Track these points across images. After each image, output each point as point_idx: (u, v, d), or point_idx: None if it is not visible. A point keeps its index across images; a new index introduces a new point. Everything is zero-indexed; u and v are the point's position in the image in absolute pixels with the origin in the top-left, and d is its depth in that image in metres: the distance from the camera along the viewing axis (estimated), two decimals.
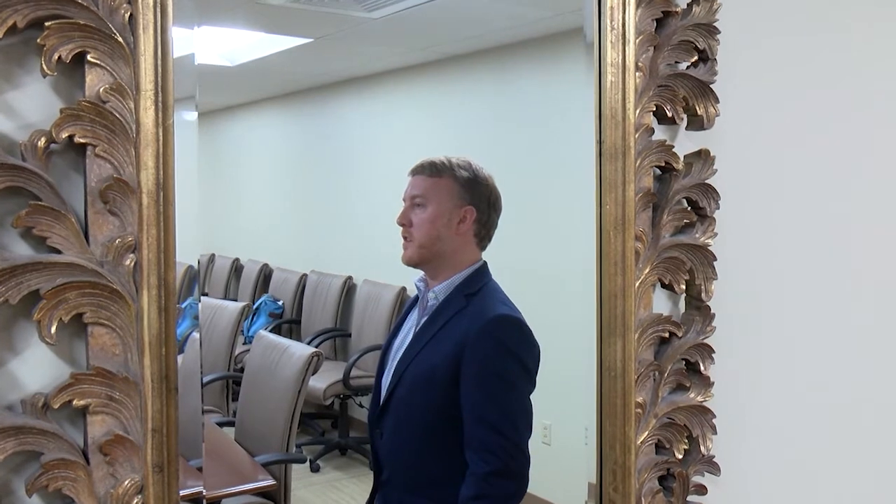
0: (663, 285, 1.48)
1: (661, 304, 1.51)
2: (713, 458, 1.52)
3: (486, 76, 2.21)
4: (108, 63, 1.04)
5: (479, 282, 1.62)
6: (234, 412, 2.06)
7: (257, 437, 1.98)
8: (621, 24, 1.39)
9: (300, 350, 2.13)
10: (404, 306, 1.81)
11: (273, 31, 1.99)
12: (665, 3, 1.43)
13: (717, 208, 1.49)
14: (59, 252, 1.03)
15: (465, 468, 1.52)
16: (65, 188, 1.04)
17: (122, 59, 1.05)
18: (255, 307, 2.38)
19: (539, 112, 2.03)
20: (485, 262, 1.64)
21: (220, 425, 2.01)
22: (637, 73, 1.40)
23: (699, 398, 1.50)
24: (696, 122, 1.49)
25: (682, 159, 1.46)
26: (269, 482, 1.87)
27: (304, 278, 2.43)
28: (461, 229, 1.62)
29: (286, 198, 2.53)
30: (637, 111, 1.41)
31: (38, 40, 1.00)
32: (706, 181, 1.48)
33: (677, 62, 1.45)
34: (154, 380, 1.08)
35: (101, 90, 1.04)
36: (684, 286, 1.49)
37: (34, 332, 1.03)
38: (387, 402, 1.62)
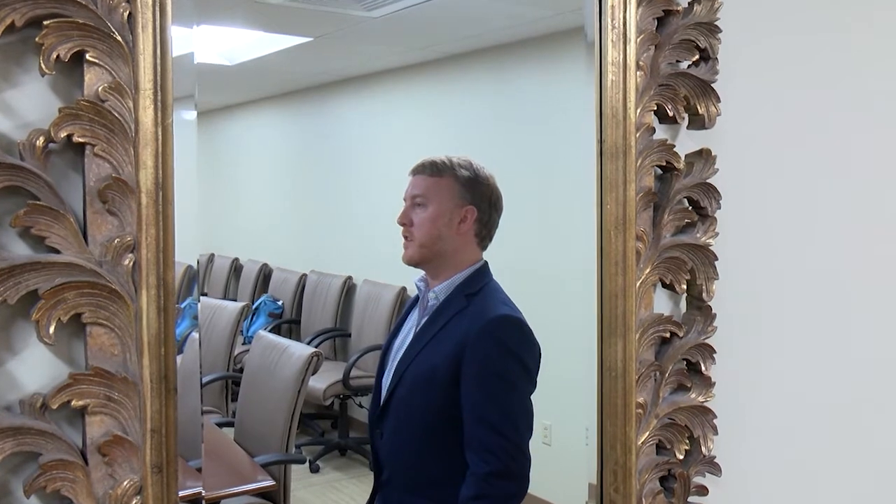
0: (664, 285, 1.48)
1: (661, 304, 1.51)
2: (714, 459, 1.52)
3: (486, 75, 2.20)
4: (107, 62, 1.04)
5: (480, 282, 1.61)
6: (234, 412, 2.05)
7: (257, 438, 1.97)
8: (622, 23, 1.39)
9: (300, 350, 2.13)
10: (404, 306, 1.81)
11: (272, 30, 1.98)
12: (666, 2, 1.42)
13: (719, 208, 1.49)
14: (57, 252, 1.03)
15: (466, 468, 1.52)
16: (63, 188, 1.04)
17: (121, 58, 1.05)
18: (254, 307, 2.37)
19: (539, 111, 2.03)
20: (485, 262, 1.64)
21: (220, 426, 2.00)
22: (638, 72, 1.40)
23: (700, 398, 1.50)
24: (698, 122, 1.48)
25: (683, 159, 1.46)
26: (269, 483, 1.86)
27: (303, 278, 2.43)
28: (462, 229, 1.62)
29: (286, 197, 2.52)
30: (638, 110, 1.40)
31: (36, 39, 1.00)
32: (707, 181, 1.47)
33: (678, 61, 1.45)
34: (153, 380, 1.08)
35: (100, 89, 1.04)
36: (685, 286, 1.48)
37: (32, 332, 1.03)
38: (387, 402, 1.62)
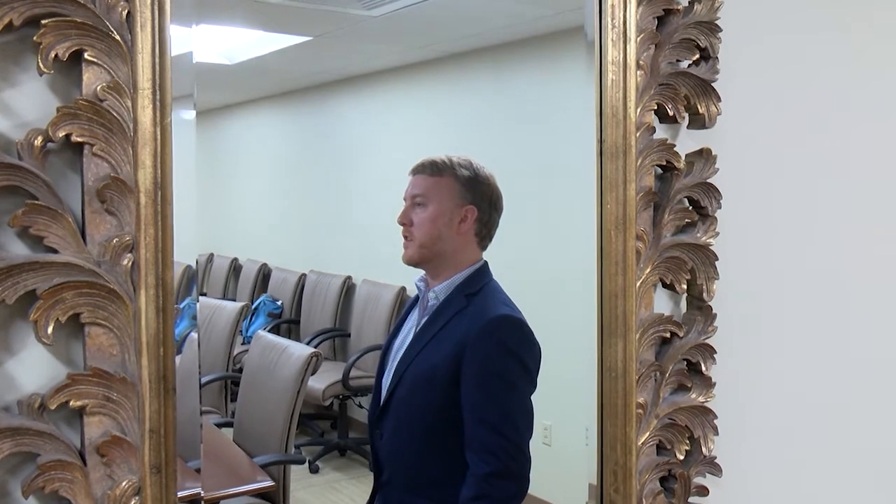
0: (664, 285, 1.47)
1: (662, 303, 1.50)
2: (714, 459, 1.51)
3: (486, 75, 2.20)
4: (106, 61, 1.04)
5: (480, 281, 1.61)
6: (233, 413, 2.05)
7: (256, 438, 1.97)
8: (622, 22, 1.38)
9: (299, 350, 2.12)
10: (404, 306, 1.81)
11: (272, 29, 1.98)
12: (666, 1, 1.42)
13: (719, 207, 1.48)
14: (55, 252, 1.02)
15: (466, 469, 1.52)
16: (62, 187, 1.04)
17: (120, 57, 1.04)
18: (253, 307, 2.37)
19: (539, 111, 2.03)
20: (485, 262, 1.63)
21: (219, 426, 2.00)
22: (638, 72, 1.40)
23: (700, 399, 1.50)
24: (698, 121, 1.48)
25: (683, 158, 1.46)
26: (268, 483, 1.86)
27: (303, 278, 2.42)
28: (462, 229, 1.61)
29: (285, 197, 2.52)
30: (638, 110, 1.40)
31: (34, 38, 1.00)
32: (708, 180, 1.47)
33: (679, 60, 1.44)
34: (152, 380, 1.08)
35: (99, 88, 1.03)
36: (685, 286, 1.48)
37: (31, 332, 1.03)
38: (387, 402, 1.62)
